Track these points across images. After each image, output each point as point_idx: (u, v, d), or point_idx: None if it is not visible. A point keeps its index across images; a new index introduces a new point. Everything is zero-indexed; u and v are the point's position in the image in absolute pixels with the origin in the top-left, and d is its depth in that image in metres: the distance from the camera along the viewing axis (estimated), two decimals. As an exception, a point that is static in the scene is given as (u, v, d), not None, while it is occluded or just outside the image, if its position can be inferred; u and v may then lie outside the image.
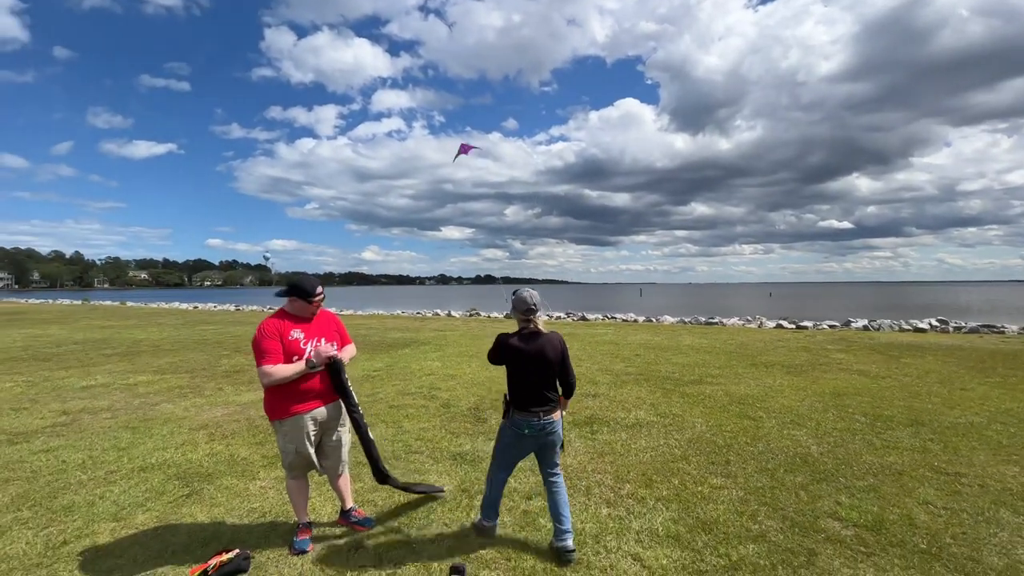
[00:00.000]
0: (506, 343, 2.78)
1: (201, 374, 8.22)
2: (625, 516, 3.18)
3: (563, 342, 2.87)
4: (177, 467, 4.09)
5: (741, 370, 7.86)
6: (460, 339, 12.80)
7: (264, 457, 4.29)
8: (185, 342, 12.65)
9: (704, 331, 14.12)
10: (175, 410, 5.95)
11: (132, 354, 10.62)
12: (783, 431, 4.83)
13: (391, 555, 2.77)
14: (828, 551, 2.74)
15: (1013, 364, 8.15)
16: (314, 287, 2.79)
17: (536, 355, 2.73)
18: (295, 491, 2.91)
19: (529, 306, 2.79)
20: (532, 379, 2.74)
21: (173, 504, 3.42)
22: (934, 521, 3.04)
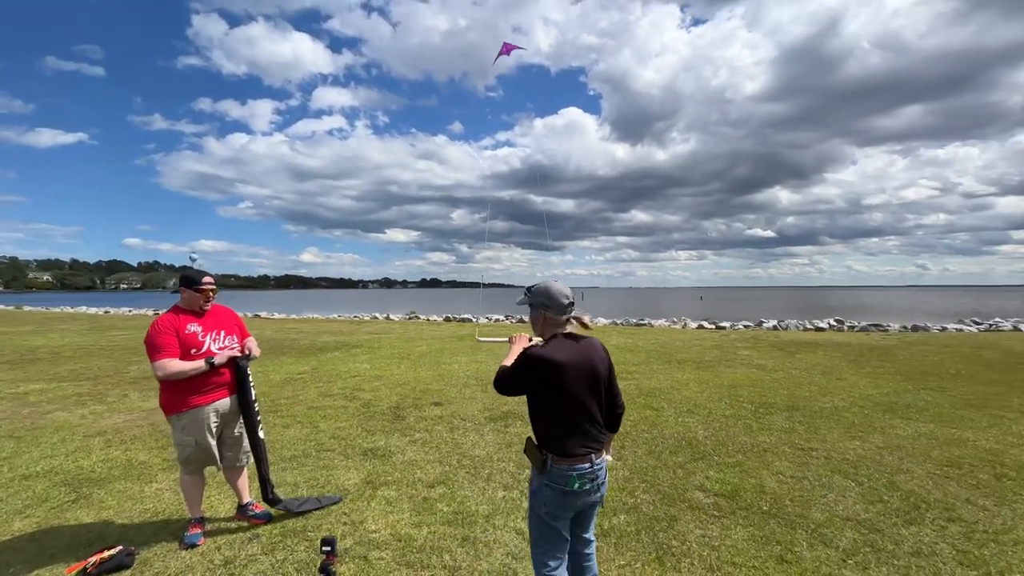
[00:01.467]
0: (539, 356, 1.86)
1: (105, 381, 7.77)
2: (518, 498, 3.43)
3: (606, 349, 2.06)
4: (65, 474, 3.94)
5: (656, 366, 8.43)
6: (395, 342, 12.77)
7: (165, 460, 4.21)
8: (90, 349, 11.81)
9: (632, 332, 14.88)
10: (69, 418, 5.65)
11: (25, 362, 9.81)
12: (678, 419, 5.30)
13: (285, 543, 2.87)
14: (687, 517, 3.12)
15: (884, 357, 9.25)
16: (202, 276, 2.86)
17: (583, 367, 1.89)
18: (190, 486, 2.94)
19: (570, 299, 1.97)
20: (579, 404, 1.89)
21: (56, 510, 3.32)
22: (780, 488, 3.52)
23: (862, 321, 16.26)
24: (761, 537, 2.87)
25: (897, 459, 4.08)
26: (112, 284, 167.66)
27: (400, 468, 3.99)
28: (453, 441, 4.67)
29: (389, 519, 3.13)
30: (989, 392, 6.45)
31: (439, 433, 4.91)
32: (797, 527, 2.98)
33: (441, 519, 3.13)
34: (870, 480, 3.65)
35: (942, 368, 8.17)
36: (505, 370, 1.97)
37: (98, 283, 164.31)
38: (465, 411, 5.72)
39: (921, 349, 10.42)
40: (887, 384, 6.97)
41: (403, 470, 3.95)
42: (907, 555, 2.69)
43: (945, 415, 5.39)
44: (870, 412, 5.49)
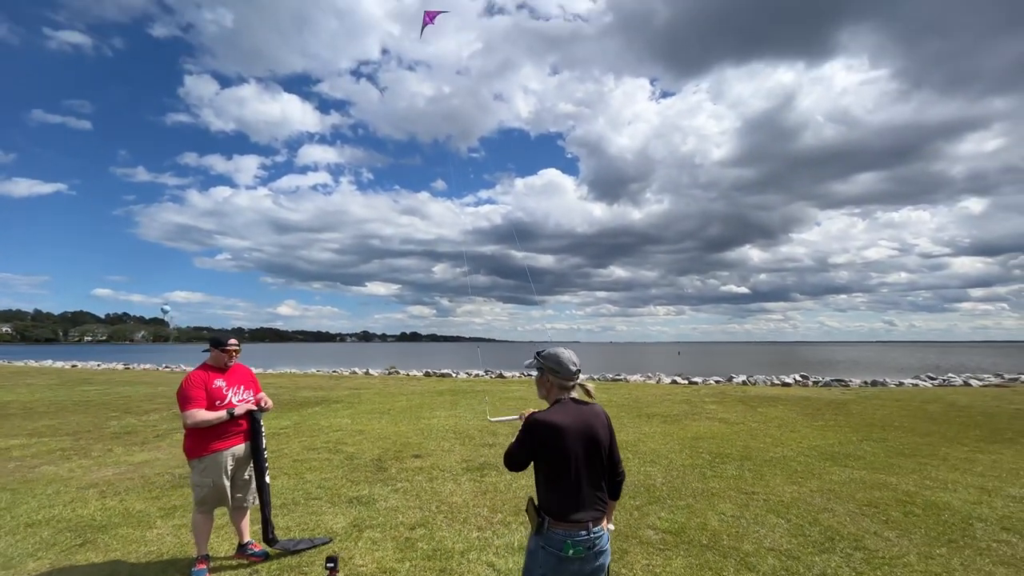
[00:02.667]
0: (540, 420, 1.97)
1: (86, 436, 7.94)
2: (491, 536, 3.88)
3: (608, 416, 2.15)
4: (67, 521, 4.24)
5: (627, 420, 8.96)
6: (374, 397, 13.05)
7: (161, 509, 4.53)
8: (63, 404, 11.81)
9: (607, 387, 15.42)
10: (59, 471, 5.88)
11: (6, 414, 9.84)
12: (641, 468, 5.81)
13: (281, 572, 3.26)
14: (636, 550, 3.62)
15: (839, 411, 9.96)
16: (227, 338, 3.42)
17: (583, 432, 1.97)
18: (201, 524, 3.35)
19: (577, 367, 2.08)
20: (579, 469, 1.96)
21: (66, 552, 3.65)
22: (720, 525, 4.05)
23: (826, 376, 17.11)
24: (697, 564, 3.39)
25: (825, 500, 4.65)
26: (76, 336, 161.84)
27: (383, 513, 4.40)
28: (432, 490, 5.08)
29: (375, 555, 3.55)
30: (922, 442, 7.14)
31: (419, 483, 5.32)
32: (729, 556, 3.50)
33: (421, 555, 3.56)
34: (798, 518, 4.21)
35: (888, 421, 8.88)
36: (511, 446, 2.01)
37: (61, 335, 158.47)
38: (444, 463, 6.13)
39: (874, 403, 11.18)
40: (834, 436, 7.62)
41: (386, 515, 4.36)
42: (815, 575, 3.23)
43: (877, 463, 6.03)
44: (812, 460, 6.09)
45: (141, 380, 18.83)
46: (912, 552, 3.57)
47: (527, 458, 1.99)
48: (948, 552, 3.58)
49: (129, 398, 12.83)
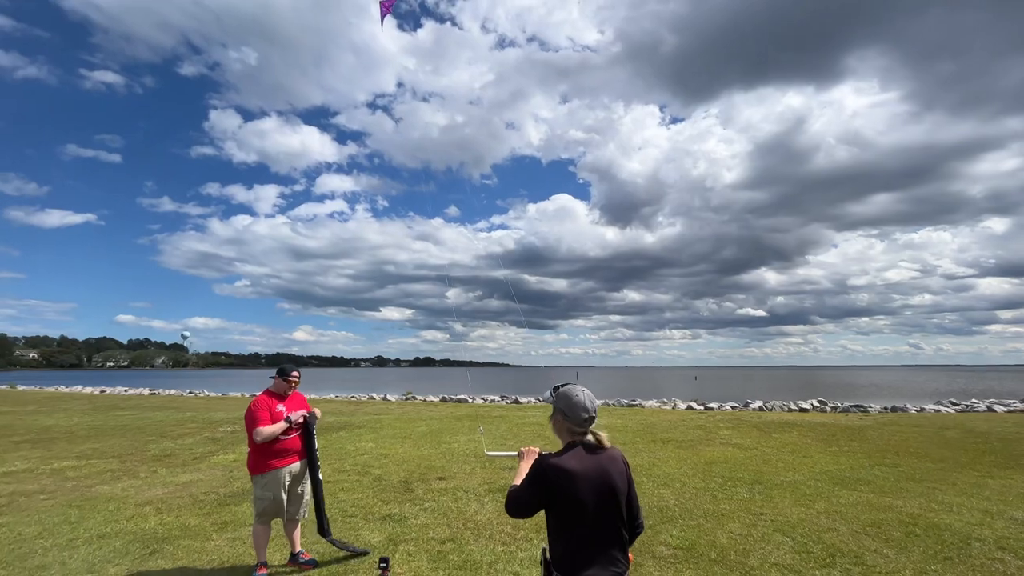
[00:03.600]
0: (552, 464, 1.82)
1: (130, 458, 8.48)
2: (515, 551, 4.26)
3: (627, 462, 1.96)
4: (133, 535, 4.72)
5: (641, 446, 9.24)
6: (395, 422, 13.46)
7: (214, 524, 5.00)
8: (102, 428, 12.44)
9: (623, 412, 15.63)
10: (113, 490, 6.39)
11: (45, 440, 10.47)
12: (655, 490, 6.13)
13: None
14: (650, 563, 3.96)
15: (854, 437, 10.10)
16: (292, 370, 3.95)
17: (600, 480, 1.81)
18: (260, 534, 3.81)
19: (590, 413, 1.88)
20: (592, 521, 1.80)
21: (139, 560, 4.12)
22: (729, 542, 4.37)
23: (845, 402, 17.08)
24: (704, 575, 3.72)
25: (831, 521, 4.93)
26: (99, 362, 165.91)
27: (415, 529, 4.80)
28: (458, 509, 5.47)
29: (411, 565, 3.95)
30: (934, 468, 7.31)
31: (445, 503, 5.71)
32: (735, 570, 3.83)
33: (453, 566, 3.95)
34: (802, 536, 4.50)
35: (903, 446, 9.02)
36: (516, 489, 1.87)
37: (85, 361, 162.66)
38: (467, 484, 6.51)
39: (891, 429, 11.26)
40: (847, 461, 7.82)
41: (418, 531, 4.76)
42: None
43: (886, 487, 6.25)
44: (822, 484, 6.34)
45: (168, 406, 19.50)
46: (908, 568, 3.86)
47: (536, 505, 1.81)
48: (942, 568, 3.86)
49: (161, 423, 13.43)
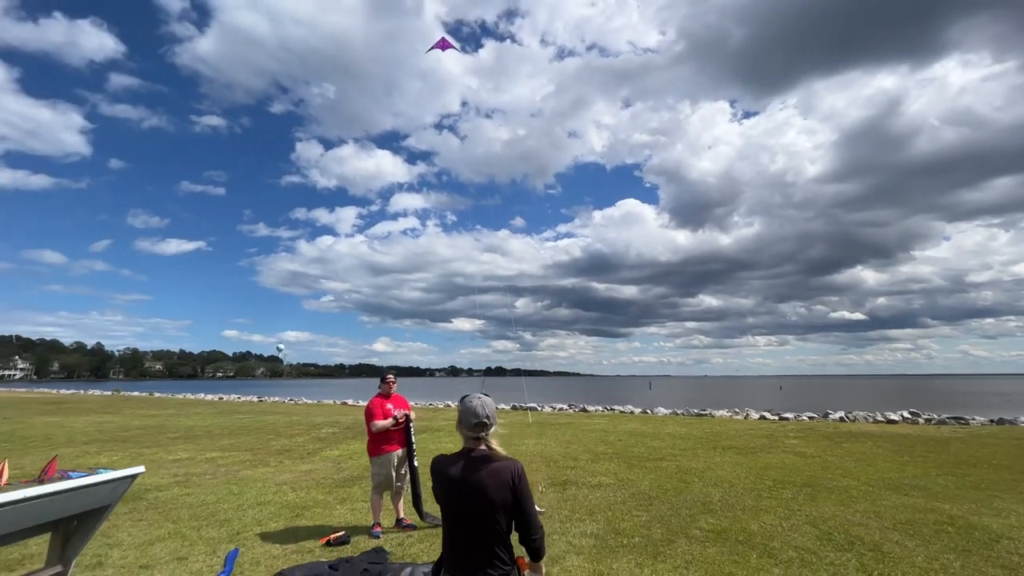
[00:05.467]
0: (435, 463, 2.08)
1: (259, 452, 10.36)
2: (569, 527, 5.21)
3: (519, 475, 2.02)
4: (280, 504, 6.21)
5: (701, 452, 9.77)
6: (472, 427, 14.78)
7: (336, 499, 6.40)
8: (230, 428, 14.84)
9: (690, 421, 15.91)
10: (255, 474, 8.09)
11: (192, 437, 12.82)
12: (704, 489, 6.79)
13: (427, 540, 4.85)
14: (682, 541, 4.76)
15: (933, 449, 9.91)
16: (386, 374, 5.28)
17: (472, 489, 1.95)
18: (376, 502, 5.10)
19: (480, 419, 2.05)
20: (458, 524, 1.99)
21: (290, 519, 5.55)
22: (759, 530, 5.04)
23: (943, 413, 16.12)
24: (727, 552, 4.47)
25: (865, 518, 5.41)
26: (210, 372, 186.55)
27: (490, 510, 5.89)
28: (526, 497, 6.50)
29: (487, 533, 5.04)
30: (1009, 479, 7.28)
31: (516, 492, 6.76)
32: (756, 549, 4.54)
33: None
34: (831, 529, 5.06)
35: (985, 459, 8.83)
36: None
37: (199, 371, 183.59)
38: (533, 479, 7.52)
39: (983, 442, 10.81)
40: (913, 470, 7.93)
41: (492, 511, 5.84)
42: (825, 565, 4.19)
43: (942, 494, 6.47)
44: (874, 490, 6.67)
45: (275, 411, 22.30)
46: (921, 555, 4.36)
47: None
48: (955, 557, 4.32)
49: (274, 425, 15.69)
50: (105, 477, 3.20)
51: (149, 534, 5.08)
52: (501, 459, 2.04)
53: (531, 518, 2.02)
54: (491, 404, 2.12)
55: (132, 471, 3.35)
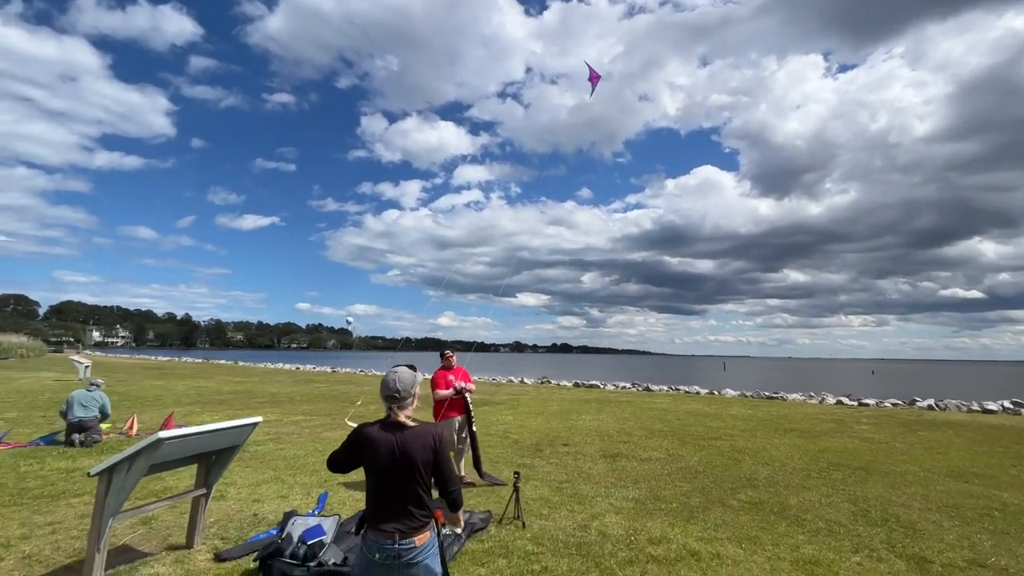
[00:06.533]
0: (359, 432, 2.37)
1: (337, 416, 11.81)
2: (613, 491, 5.91)
3: (439, 438, 2.39)
4: (356, 460, 7.37)
5: (760, 433, 10.06)
6: (530, 402, 15.71)
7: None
8: (309, 396, 16.70)
9: (757, 404, 15.93)
10: (335, 435, 9.41)
11: (277, 402, 14.65)
12: (753, 467, 7.23)
13: (488, 494, 5.73)
14: (718, 509, 5.32)
15: (1021, 440, 9.57)
16: (444, 351, 6.15)
17: (396, 452, 2.28)
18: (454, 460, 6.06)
19: (391, 392, 2.38)
20: (388, 482, 2.30)
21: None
22: (797, 504, 5.49)
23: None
24: (758, 519, 4.99)
25: (910, 500, 5.68)
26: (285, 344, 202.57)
27: (541, 474, 6.69)
28: (575, 465, 7.24)
29: (538, 492, 5.84)
30: (1094, 473, 7.11)
31: (566, 460, 7.53)
32: (787, 519, 5.02)
33: (566, 494, 5.75)
34: (871, 508, 5.42)
35: (1080, 453, 8.50)
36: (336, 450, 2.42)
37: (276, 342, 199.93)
38: (585, 451, 8.25)
39: (1088, 437, 10.25)
40: (987, 460, 7.87)
41: (543, 475, 6.64)
42: (851, 536, 4.62)
43: (1006, 483, 6.51)
44: (933, 476, 6.81)
45: (347, 381, 24.44)
46: (953, 533, 4.67)
47: (346, 463, 2.39)
48: (988, 537, 4.60)
49: (347, 393, 17.43)
50: (236, 423, 4.19)
51: (255, 478, 6.32)
52: (424, 425, 2.43)
53: (449, 475, 2.42)
54: (408, 379, 2.42)
55: (253, 420, 4.41)
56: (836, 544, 4.43)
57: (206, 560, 4.04)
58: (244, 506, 5.27)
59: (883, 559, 4.14)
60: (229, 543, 4.36)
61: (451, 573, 3.45)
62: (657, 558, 4.07)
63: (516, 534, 4.55)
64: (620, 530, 4.68)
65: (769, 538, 4.54)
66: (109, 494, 3.56)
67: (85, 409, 8.31)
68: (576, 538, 4.47)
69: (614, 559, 4.05)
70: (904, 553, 4.25)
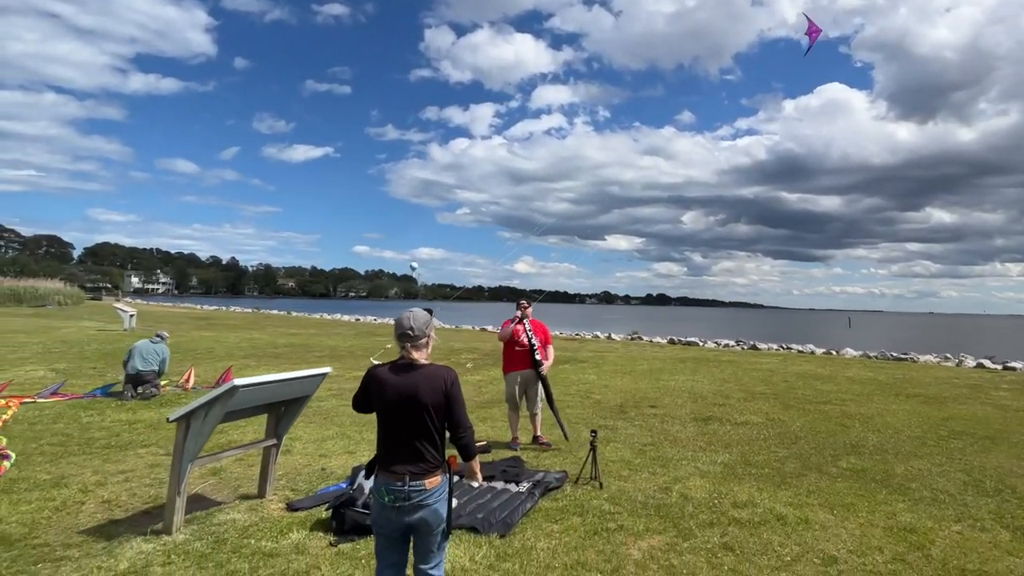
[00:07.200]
0: (371, 373, 2.72)
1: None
2: (700, 455, 6.62)
3: (451, 380, 2.68)
4: (433, 416, 8.51)
5: (877, 398, 10.35)
6: (617, 360, 16.53)
7: (478, 417, 8.50)
8: (371, 350, 18.34)
9: (880, 366, 15.89)
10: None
11: (337, 356, 16.34)
12: (861, 434, 7.69)
13: (563, 453, 6.63)
14: (812, 475, 5.92)
15: None
16: (519, 302, 7.08)
17: (404, 393, 2.59)
18: (511, 417, 7.06)
19: (404, 330, 2.69)
20: (398, 424, 2.61)
21: (444, 429, 7.75)
22: (903, 472, 5.99)
23: None
24: (857, 487, 5.56)
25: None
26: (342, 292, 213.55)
27: (623, 436, 7.51)
28: (662, 428, 8.00)
29: (618, 454, 6.66)
30: None
31: (652, 423, 8.30)
32: (889, 487, 5.56)
33: (649, 457, 6.54)
34: (986, 478, 5.82)
35: None
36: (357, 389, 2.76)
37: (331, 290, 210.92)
38: (675, 413, 8.98)
39: None
40: None
41: (625, 437, 7.46)
42: (957, 505, 5.10)
43: None
44: (1077, 449, 6.98)
45: (412, 334, 26.21)
46: (1077, 508, 5.03)
47: (364, 402, 2.78)
48: (1121, 514, 4.92)
49: (414, 348, 18.96)
50: (306, 372, 4.92)
51: (320, 434, 7.39)
52: (436, 367, 2.71)
53: (460, 419, 2.69)
54: (422, 318, 2.74)
55: (323, 370, 5.28)
56: (938, 513, 4.95)
57: (279, 509, 4.77)
58: (311, 460, 6.15)
59: (987, 529, 4.63)
60: (300, 494, 5.08)
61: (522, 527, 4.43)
62: (740, 520, 4.70)
63: (592, 494, 5.23)
64: (703, 493, 5.33)
65: (865, 505, 5.11)
66: (187, 439, 4.23)
67: (145, 362, 9.30)
68: (655, 500, 5.14)
69: (694, 520, 4.69)
70: (1012, 524, 4.71)
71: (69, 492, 5.02)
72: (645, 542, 4.22)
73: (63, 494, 4.96)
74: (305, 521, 4.50)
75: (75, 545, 4.03)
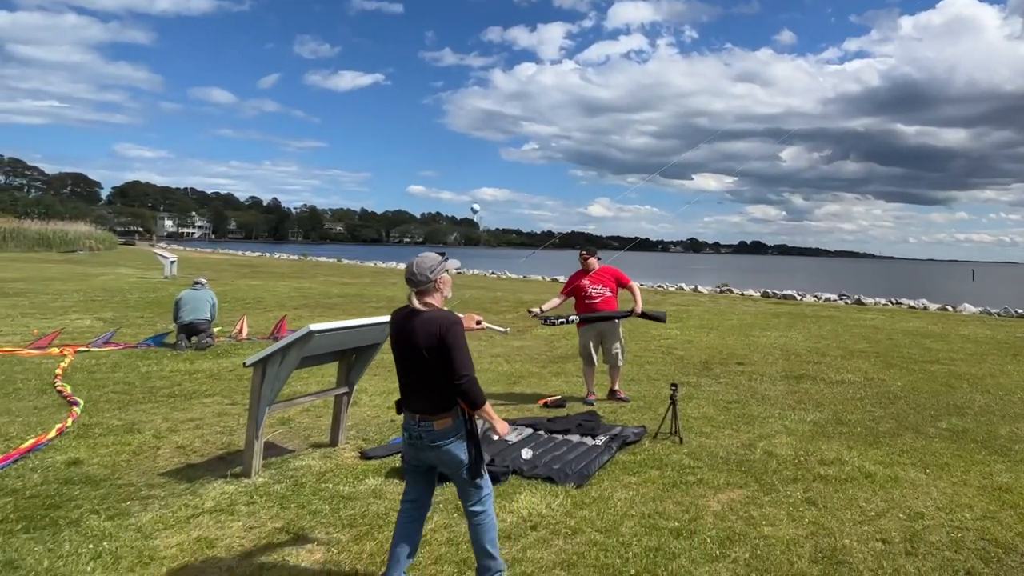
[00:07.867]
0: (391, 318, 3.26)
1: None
2: (790, 413, 7.17)
3: (446, 327, 2.96)
4: (497, 373, 9.29)
5: (992, 358, 10.60)
6: (703, 314, 17.02)
7: (549, 372, 9.33)
8: (433, 301, 19.44)
9: (1002, 323, 15.91)
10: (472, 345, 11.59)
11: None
12: (969, 395, 8.06)
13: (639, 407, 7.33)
14: (910, 435, 6.41)
15: None
16: (581, 253, 7.68)
17: (404, 337, 3.04)
18: (586, 372, 7.80)
19: (407, 275, 3.06)
20: (405, 369, 3.11)
21: (508, 385, 8.57)
22: (1008, 433, 6.40)
23: None
24: (954, 448, 6.02)
25: None
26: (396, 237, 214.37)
27: (706, 394, 8.12)
28: (750, 386, 8.56)
29: (700, 411, 7.28)
30: None
31: (739, 380, 8.86)
32: (990, 448, 5.99)
33: (733, 415, 7.14)
34: (1107, 443, 6.12)
35: None
36: None
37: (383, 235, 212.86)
38: (764, 371, 9.50)
39: None
40: None
41: (709, 394, 8.07)
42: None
43: None
44: None
45: (476, 285, 27.31)
46: None
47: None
48: None
49: (479, 300, 19.84)
50: (379, 320, 5.16)
51: (387, 386, 8.00)
52: (436, 312, 3.03)
53: (455, 366, 2.92)
54: (426, 263, 3.04)
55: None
56: (1039, 474, 5.40)
57: (352, 457, 5.34)
58: (380, 412, 6.85)
59: (1089, 492, 5.05)
60: (371, 444, 5.65)
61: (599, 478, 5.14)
62: (825, 477, 5.22)
63: (671, 449, 5.78)
64: (789, 451, 5.88)
65: (960, 465, 5.59)
66: (264, 384, 4.65)
67: (196, 311, 10.06)
68: (738, 456, 5.71)
69: (777, 476, 5.21)
70: (1118, 489, 5.11)
71: (143, 437, 5.72)
72: (725, 495, 4.79)
73: (138, 439, 5.66)
74: (380, 469, 5.06)
75: (158, 485, 4.65)
